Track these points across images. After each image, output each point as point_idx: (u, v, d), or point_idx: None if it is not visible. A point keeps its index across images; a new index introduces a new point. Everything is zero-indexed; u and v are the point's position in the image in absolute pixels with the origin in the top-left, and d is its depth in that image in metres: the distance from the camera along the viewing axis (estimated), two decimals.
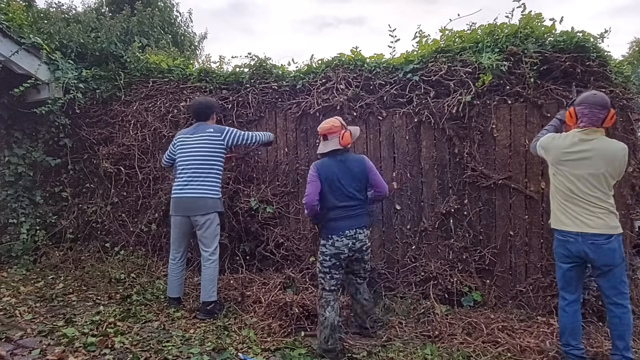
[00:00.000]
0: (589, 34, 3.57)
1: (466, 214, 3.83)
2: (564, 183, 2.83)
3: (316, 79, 4.34)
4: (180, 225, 3.94)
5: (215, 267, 3.89)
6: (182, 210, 3.87)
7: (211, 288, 3.82)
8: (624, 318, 2.74)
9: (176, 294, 4.04)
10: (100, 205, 5.43)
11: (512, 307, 3.66)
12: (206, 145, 3.86)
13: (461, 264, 3.84)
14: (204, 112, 4.02)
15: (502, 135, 3.70)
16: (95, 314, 3.80)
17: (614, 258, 2.70)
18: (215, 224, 3.89)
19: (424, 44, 4.12)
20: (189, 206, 3.83)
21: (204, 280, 3.85)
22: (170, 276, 4.05)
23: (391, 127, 4.08)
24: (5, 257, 5.33)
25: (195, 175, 3.83)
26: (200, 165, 3.84)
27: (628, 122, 3.80)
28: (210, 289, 3.82)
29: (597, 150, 2.74)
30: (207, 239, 3.87)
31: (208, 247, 3.88)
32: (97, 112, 5.42)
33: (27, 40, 4.93)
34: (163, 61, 5.23)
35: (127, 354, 3.08)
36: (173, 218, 3.98)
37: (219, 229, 3.97)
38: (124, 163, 5.21)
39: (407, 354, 3.12)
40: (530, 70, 3.50)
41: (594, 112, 2.74)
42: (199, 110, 4.02)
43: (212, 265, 3.87)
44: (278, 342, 3.32)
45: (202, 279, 3.88)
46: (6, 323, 3.60)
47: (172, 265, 4.04)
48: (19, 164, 5.41)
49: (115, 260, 5.12)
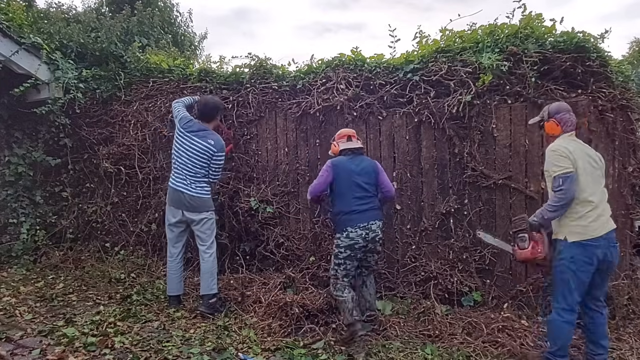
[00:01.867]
0: (589, 34, 3.58)
1: (466, 214, 3.83)
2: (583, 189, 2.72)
3: (316, 79, 4.34)
4: (175, 217, 3.96)
5: (213, 261, 3.94)
6: (179, 203, 3.91)
7: (211, 281, 3.87)
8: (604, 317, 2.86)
9: (176, 292, 4.05)
10: (100, 205, 5.42)
11: (513, 307, 3.66)
12: (204, 156, 3.91)
13: (461, 264, 3.84)
14: (210, 113, 4.06)
15: (502, 135, 3.70)
16: (95, 313, 3.80)
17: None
18: (210, 220, 3.97)
19: (424, 44, 4.12)
20: (185, 202, 3.89)
21: (203, 274, 3.90)
22: (170, 273, 4.05)
23: (391, 127, 4.08)
24: (5, 257, 5.32)
25: (191, 176, 3.90)
26: (196, 169, 3.91)
27: (628, 122, 3.81)
28: (210, 281, 3.86)
29: (591, 151, 2.87)
30: (204, 233, 3.94)
31: (204, 242, 3.95)
32: (97, 112, 5.42)
33: (27, 40, 4.93)
34: (163, 61, 5.23)
35: (127, 354, 3.08)
36: (168, 210, 4.00)
37: (215, 225, 4.03)
38: (124, 163, 5.20)
39: (407, 354, 3.12)
40: (530, 70, 3.50)
41: (572, 116, 2.90)
42: (206, 111, 4.05)
43: (210, 259, 3.92)
44: (278, 342, 3.32)
45: (201, 272, 3.94)
46: (6, 323, 3.59)
47: (170, 263, 4.05)
48: (19, 163, 5.41)
49: (115, 260, 5.11)
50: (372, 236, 3.36)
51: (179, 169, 3.94)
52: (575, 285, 2.70)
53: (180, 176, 3.92)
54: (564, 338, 2.79)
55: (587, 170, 2.74)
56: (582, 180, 2.71)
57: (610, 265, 2.77)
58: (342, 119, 4.21)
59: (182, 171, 3.92)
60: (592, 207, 2.69)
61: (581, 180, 2.71)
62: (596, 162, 2.82)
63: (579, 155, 2.75)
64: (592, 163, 2.79)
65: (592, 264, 2.69)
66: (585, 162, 2.75)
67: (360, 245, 3.33)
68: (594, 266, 2.70)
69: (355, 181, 3.37)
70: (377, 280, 4.08)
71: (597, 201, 2.72)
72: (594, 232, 2.68)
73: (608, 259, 2.72)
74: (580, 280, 2.70)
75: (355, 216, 3.34)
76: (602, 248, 2.68)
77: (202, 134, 3.95)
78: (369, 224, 3.34)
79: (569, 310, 2.75)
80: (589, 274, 2.71)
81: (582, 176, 2.72)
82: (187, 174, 3.90)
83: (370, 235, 3.35)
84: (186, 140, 3.93)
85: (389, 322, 3.57)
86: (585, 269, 2.69)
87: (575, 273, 2.70)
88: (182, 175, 3.91)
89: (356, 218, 3.33)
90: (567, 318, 2.75)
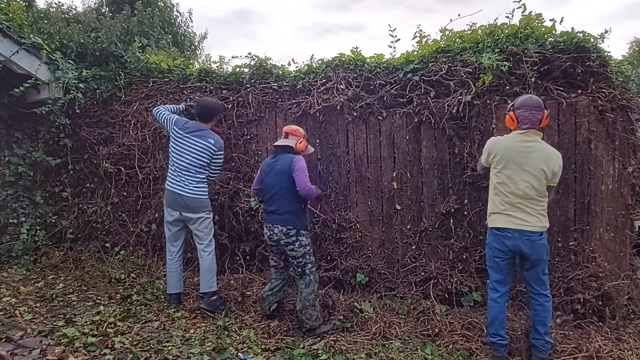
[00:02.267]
0: (589, 34, 3.57)
1: (466, 214, 3.83)
2: (505, 183, 2.99)
3: (316, 79, 4.34)
4: (172, 216, 3.96)
5: (212, 258, 3.95)
6: (176, 205, 3.92)
7: (210, 278, 3.88)
8: (546, 305, 3.02)
9: (176, 290, 4.05)
10: (100, 205, 5.42)
11: (513, 307, 3.66)
12: (203, 155, 3.92)
13: (461, 264, 3.84)
14: (208, 114, 4.07)
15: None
16: (95, 314, 3.81)
17: (543, 253, 2.96)
18: (208, 220, 3.99)
19: (424, 44, 4.12)
20: (182, 203, 3.89)
21: (202, 272, 3.92)
22: (169, 272, 4.06)
23: (391, 127, 4.08)
24: (5, 257, 5.33)
25: (190, 176, 3.91)
26: (195, 169, 3.92)
27: (628, 122, 3.81)
28: (210, 279, 3.88)
29: (537, 151, 2.95)
30: (202, 232, 3.95)
31: (203, 240, 3.96)
32: (97, 112, 5.42)
33: (27, 40, 4.93)
34: (163, 61, 5.23)
35: (127, 354, 3.08)
36: (166, 210, 4.01)
37: (212, 224, 4.05)
38: (124, 163, 5.20)
39: (407, 354, 3.12)
40: (530, 70, 3.50)
41: (533, 114, 2.97)
42: (205, 112, 4.06)
43: (209, 257, 3.94)
44: (278, 342, 3.32)
45: (200, 270, 3.95)
46: (6, 323, 3.60)
47: (170, 261, 4.06)
48: (19, 164, 5.41)
49: (115, 260, 5.12)
50: (275, 239, 3.52)
51: (177, 170, 3.94)
52: (492, 266, 3.10)
53: (178, 177, 3.92)
54: (492, 314, 3.09)
55: (522, 168, 2.93)
56: (505, 175, 2.98)
57: (526, 256, 2.95)
58: (342, 119, 4.21)
59: (180, 172, 3.92)
60: (509, 201, 2.96)
61: (505, 175, 2.98)
62: (538, 167, 2.91)
63: (509, 154, 2.96)
64: (526, 164, 2.92)
65: (504, 251, 2.99)
66: (514, 161, 2.95)
67: (269, 243, 3.60)
68: (507, 253, 2.99)
69: (266, 181, 3.62)
70: (377, 280, 4.09)
71: (515, 197, 2.94)
72: (504, 224, 2.97)
73: (522, 250, 2.94)
74: (495, 263, 3.05)
75: (265, 215, 3.69)
76: (512, 239, 2.94)
77: (201, 134, 3.96)
78: (273, 226, 3.53)
79: (491, 288, 3.12)
80: (503, 259, 3.01)
81: (506, 172, 2.97)
82: (185, 174, 3.91)
83: (274, 238, 3.53)
84: (185, 140, 3.94)
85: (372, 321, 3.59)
86: (497, 254, 3.03)
87: (491, 257, 3.09)
88: (180, 177, 3.91)
89: (266, 217, 3.66)
90: (491, 296, 3.11)
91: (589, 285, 3.41)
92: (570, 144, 3.48)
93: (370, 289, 4.12)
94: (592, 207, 3.47)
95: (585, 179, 3.47)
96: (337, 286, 4.18)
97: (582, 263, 3.48)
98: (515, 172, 2.95)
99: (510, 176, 2.96)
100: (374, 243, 4.15)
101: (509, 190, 2.97)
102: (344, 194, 4.26)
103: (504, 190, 2.99)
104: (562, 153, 3.45)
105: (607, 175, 3.63)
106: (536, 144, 2.97)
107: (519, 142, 2.98)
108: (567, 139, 3.48)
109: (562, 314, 3.43)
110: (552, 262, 3.53)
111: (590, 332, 3.27)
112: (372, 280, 4.12)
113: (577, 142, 3.47)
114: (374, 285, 4.10)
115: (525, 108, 2.97)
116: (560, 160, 2.99)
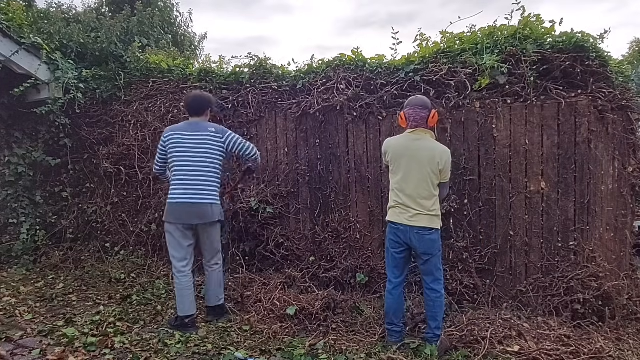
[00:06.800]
0: (588, 34, 3.57)
1: (466, 214, 3.83)
2: (397, 181, 3.12)
3: (316, 79, 4.34)
4: (182, 234, 3.50)
5: (222, 271, 3.78)
6: (186, 216, 3.44)
7: (221, 291, 3.76)
8: (437, 301, 3.12)
9: (192, 311, 3.56)
10: (100, 205, 5.43)
11: (513, 308, 3.66)
12: (208, 146, 3.49)
13: (461, 264, 3.84)
14: (200, 106, 3.62)
15: (502, 135, 3.70)
16: (95, 314, 3.80)
17: (433, 248, 3.06)
18: (219, 230, 3.72)
19: (424, 46, 4.12)
20: (194, 213, 3.44)
21: (212, 285, 3.69)
22: (181, 291, 3.51)
23: (391, 127, 4.07)
24: (5, 257, 5.33)
25: (197, 179, 3.45)
26: (203, 168, 3.47)
27: (628, 122, 3.81)
28: (220, 292, 3.75)
29: (424, 149, 3.05)
30: (212, 244, 3.65)
31: (214, 252, 3.68)
32: (97, 112, 5.42)
33: (27, 40, 4.93)
34: (163, 61, 5.23)
35: (127, 354, 3.08)
36: (173, 226, 3.49)
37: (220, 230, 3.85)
38: (124, 163, 5.20)
39: (407, 354, 3.12)
40: (530, 71, 3.51)
41: (417, 112, 3.08)
42: (194, 104, 3.61)
43: (221, 269, 3.76)
44: (278, 342, 3.32)
45: (209, 283, 3.71)
46: (6, 323, 3.60)
47: (182, 279, 3.50)
48: (19, 164, 5.41)
49: (115, 260, 5.12)
50: None
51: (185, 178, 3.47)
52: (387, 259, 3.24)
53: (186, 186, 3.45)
54: (387, 305, 3.23)
55: (410, 166, 3.06)
56: (397, 174, 3.12)
57: (416, 250, 3.07)
58: (342, 119, 4.21)
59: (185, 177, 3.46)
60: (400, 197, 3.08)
61: (397, 173, 3.12)
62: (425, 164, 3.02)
63: (400, 152, 3.10)
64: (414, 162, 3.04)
65: (399, 243, 3.11)
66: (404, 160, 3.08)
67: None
68: (402, 245, 3.10)
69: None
70: (377, 280, 4.09)
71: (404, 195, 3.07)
72: (397, 219, 3.10)
73: (413, 244, 3.06)
74: (391, 255, 3.18)
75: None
76: (404, 232, 3.06)
77: (199, 126, 3.55)
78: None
79: (388, 280, 3.26)
80: (398, 252, 3.14)
81: (397, 171, 3.11)
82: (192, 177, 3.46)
83: None
84: (185, 141, 3.51)
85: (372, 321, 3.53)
86: (393, 245, 3.15)
87: (388, 249, 3.21)
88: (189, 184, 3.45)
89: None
90: (387, 287, 3.26)
91: (589, 285, 3.41)
92: (570, 144, 3.47)
93: (370, 289, 4.12)
94: (592, 207, 3.47)
95: (585, 179, 3.47)
96: (337, 286, 4.18)
97: (582, 263, 3.47)
98: (405, 170, 3.07)
99: (401, 174, 3.09)
100: (374, 243, 4.15)
101: (399, 188, 3.10)
102: (344, 194, 4.26)
103: (396, 187, 3.12)
104: (562, 153, 3.48)
105: (607, 175, 3.63)
106: (423, 142, 3.07)
107: (407, 140, 3.11)
108: (567, 138, 3.48)
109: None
110: (552, 262, 3.54)
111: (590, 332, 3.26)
112: (372, 280, 4.12)
113: (577, 142, 3.46)
114: (374, 285, 4.10)
115: (411, 107, 3.11)
116: (448, 155, 3.08)
